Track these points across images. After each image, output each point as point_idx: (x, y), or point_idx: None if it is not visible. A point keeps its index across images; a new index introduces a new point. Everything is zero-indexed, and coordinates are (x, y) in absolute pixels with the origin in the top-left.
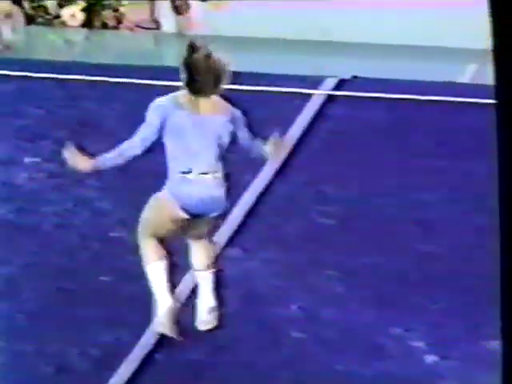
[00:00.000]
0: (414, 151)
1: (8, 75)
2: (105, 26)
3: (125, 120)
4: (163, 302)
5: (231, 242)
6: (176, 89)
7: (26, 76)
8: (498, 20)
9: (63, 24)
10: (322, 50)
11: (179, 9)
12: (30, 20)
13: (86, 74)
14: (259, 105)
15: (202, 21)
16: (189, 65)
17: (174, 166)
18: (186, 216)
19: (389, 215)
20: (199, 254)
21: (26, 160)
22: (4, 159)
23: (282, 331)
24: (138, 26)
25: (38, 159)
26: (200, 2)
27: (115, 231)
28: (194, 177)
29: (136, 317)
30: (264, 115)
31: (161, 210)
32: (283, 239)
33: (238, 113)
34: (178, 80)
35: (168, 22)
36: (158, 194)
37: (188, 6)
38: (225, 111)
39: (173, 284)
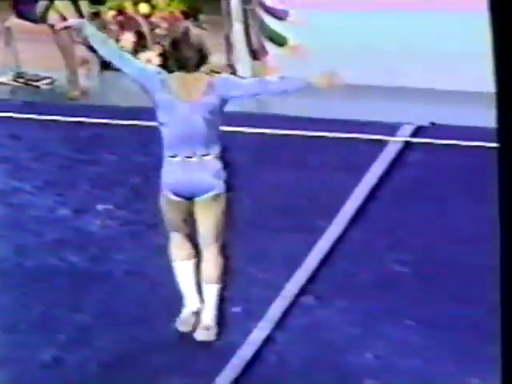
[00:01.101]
0: (490, 199)
1: (82, 122)
2: None
3: None
4: (190, 304)
5: (305, 289)
6: (254, 135)
7: (101, 122)
8: (501, 65)
9: None
10: (400, 96)
11: (256, 53)
12: (104, 66)
13: None
14: (335, 151)
15: (278, 66)
16: (171, 43)
17: (165, 150)
18: (178, 199)
19: (465, 263)
20: (209, 265)
21: (99, 207)
22: (77, 206)
23: (357, 379)
24: (212, 71)
25: (110, 206)
26: (277, 47)
27: None
28: (179, 160)
29: (209, 364)
30: (341, 161)
31: (165, 200)
32: (358, 287)
33: (224, 77)
34: (254, 126)
35: (244, 67)
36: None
37: (265, 51)
38: (212, 87)
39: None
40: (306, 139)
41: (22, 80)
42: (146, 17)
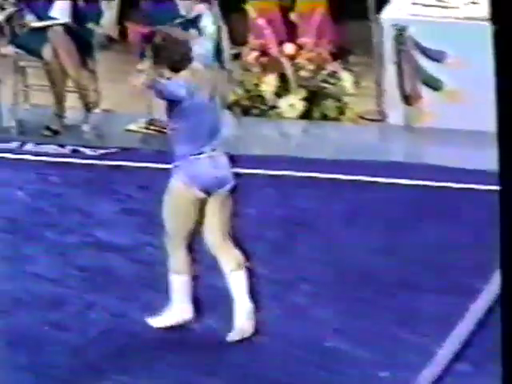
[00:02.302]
0: None
1: None
2: (325, 117)
3: (347, 222)
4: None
5: (459, 355)
6: (404, 186)
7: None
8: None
9: (279, 115)
10: None
11: (409, 98)
12: (244, 111)
13: (303, 170)
14: (493, 204)
15: (433, 112)
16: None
17: (185, 148)
18: (203, 195)
19: None
20: (227, 256)
21: None
22: (210, 263)
23: None
24: (361, 118)
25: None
26: (433, 92)
27: (330, 341)
28: (208, 155)
29: None
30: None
31: (179, 200)
32: None
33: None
34: (407, 177)
35: (395, 113)
36: (171, 186)
37: (419, 96)
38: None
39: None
40: (460, 191)
41: (153, 127)
42: (291, 58)
